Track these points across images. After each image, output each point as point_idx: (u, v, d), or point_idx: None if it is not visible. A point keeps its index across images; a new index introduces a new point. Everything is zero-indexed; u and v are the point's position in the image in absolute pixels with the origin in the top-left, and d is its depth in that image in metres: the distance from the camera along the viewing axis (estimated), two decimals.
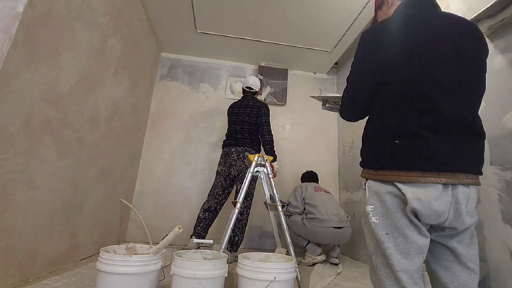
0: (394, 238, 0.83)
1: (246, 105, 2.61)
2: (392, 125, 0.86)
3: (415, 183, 0.80)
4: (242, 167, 2.40)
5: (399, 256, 0.81)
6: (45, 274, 1.58)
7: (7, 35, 1.20)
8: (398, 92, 0.87)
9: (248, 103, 2.62)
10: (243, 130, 2.52)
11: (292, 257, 1.57)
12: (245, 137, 2.50)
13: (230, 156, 2.45)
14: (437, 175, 0.80)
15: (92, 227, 2.12)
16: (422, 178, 0.80)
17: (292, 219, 2.52)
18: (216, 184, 2.51)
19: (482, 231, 1.52)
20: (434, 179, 0.80)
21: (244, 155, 2.42)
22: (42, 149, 1.48)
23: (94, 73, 1.94)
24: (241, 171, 2.40)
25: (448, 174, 0.81)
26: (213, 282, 1.23)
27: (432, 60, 0.86)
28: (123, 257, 1.20)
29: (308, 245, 2.47)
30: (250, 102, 2.63)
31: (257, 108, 2.56)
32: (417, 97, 0.84)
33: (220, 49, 3.42)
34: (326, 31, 2.94)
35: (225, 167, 2.48)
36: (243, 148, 2.46)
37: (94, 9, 1.84)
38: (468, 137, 0.84)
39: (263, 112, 2.54)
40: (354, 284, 1.90)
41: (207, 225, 2.43)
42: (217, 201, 2.47)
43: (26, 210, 1.40)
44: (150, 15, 2.86)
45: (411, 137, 0.83)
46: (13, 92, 1.25)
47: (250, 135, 2.51)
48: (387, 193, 0.85)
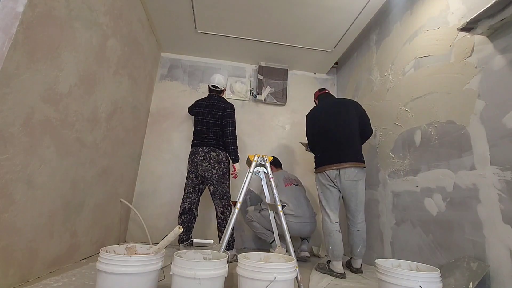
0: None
1: (212, 105, 2.57)
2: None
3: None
4: (208, 167, 2.41)
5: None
6: (45, 274, 1.58)
7: (7, 35, 1.20)
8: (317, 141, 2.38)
9: (214, 103, 2.58)
10: (209, 131, 2.50)
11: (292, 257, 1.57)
12: (211, 138, 2.49)
13: (197, 156, 2.46)
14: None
15: (92, 227, 2.12)
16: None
17: (263, 213, 2.64)
18: (187, 183, 2.51)
19: (482, 231, 1.53)
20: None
21: (210, 155, 2.43)
22: (42, 149, 1.48)
23: (94, 73, 1.94)
24: (207, 171, 2.42)
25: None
26: (213, 282, 1.23)
27: (326, 125, 2.32)
28: (123, 257, 1.20)
29: (274, 242, 2.56)
30: (216, 102, 2.59)
31: (222, 109, 2.53)
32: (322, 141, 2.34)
33: (220, 49, 3.42)
34: (326, 31, 2.94)
35: (192, 166, 2.49)
36: (209, 149, 2.46)
37: (94, 9, 1.84)
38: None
39: (228, 113, 2.51)
40: (354, 284, 1.90)
41: (188, 228, 2.44)
42: (189, 201, 2.46)
43: (26, 210, 1.40)
44: (150, 15, 2.86)
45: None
46: (13, 92, 1.24)
47: (216, 136, 2.50)
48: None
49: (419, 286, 1.21)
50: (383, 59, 2.70)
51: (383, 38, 2.74)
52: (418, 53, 2.19)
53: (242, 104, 3.62)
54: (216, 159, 2.43)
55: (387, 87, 2.58)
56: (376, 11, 2.65)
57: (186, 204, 2.45)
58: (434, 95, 1.98)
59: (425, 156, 2.00)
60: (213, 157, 2.43)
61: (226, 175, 2.47)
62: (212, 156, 2.43)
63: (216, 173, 2.41)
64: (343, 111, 2.30)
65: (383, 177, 2.47)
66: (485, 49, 1.62)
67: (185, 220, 2.44)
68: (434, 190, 1.88)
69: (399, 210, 2.23)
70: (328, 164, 2.21)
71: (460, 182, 1.69)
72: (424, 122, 2.05)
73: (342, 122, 2.25)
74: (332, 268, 2.07)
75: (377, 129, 2.67)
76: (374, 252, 2.48)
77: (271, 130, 3.60)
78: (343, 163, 2.16)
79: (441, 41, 1.98)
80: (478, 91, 1.64)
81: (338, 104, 2.38)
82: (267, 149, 3.46)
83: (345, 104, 2.36)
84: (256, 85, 3.63)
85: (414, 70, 2.23)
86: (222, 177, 2.43)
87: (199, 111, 2.61)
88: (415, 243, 2.00)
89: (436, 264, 1.72)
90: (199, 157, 2.45)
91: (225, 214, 2.39)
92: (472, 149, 1.64)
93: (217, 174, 2.41)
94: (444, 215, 1.79)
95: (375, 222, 2.52)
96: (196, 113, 2.64)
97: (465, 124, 1.70)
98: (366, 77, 3.01)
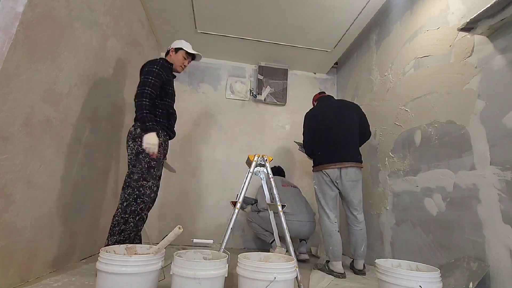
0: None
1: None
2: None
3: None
4: (126, 146, 1.86)
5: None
6: (45, 274, 1.58)
7: (7, 35, 1.20)
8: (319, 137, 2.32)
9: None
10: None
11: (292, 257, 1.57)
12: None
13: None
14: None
15: (92, 227, 2.12)
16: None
17: (261, 215, 2.62)
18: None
19: (482, 231, 1.53)
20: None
21: (129, 131, 1.87)
22: (42, 149, 1.48)
23: (94, 73, 1.94)
24: (127, 151, 1.85)
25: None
26: (213, 282, 1.23)
27: (328, 124, 2.29)
28: (123, 257, 1.20)
29: (273, 242, 2.53)
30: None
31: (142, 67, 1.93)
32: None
33: (220, 49, 3.42)
34: (326, 31, 2.94)
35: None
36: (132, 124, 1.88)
37: (94, 9, 1.84)
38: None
39: (143, 70, 1.88)
40: (354, 284, 1.90)
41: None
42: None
43: (26, 210, 1.40)
44: (150, 15, 2.86)
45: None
46: (13, 92, 1.24)
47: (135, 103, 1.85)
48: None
49: (419, 286, 1.21)
50: (383, 59, 2.70)
51: (383, 38, 2.74)
52: (418, 53, 2.19)
53: (242, 104, 3.62)
54: (131, 135, 1.82)
55: (387, 87, 2.58)
56: (376, 11, 2.65)
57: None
58: (434, 95, 1.98)
59: (425, 156, 2.00)
60: (129, 132, 1.85)
61: (140, 156, 1.77)
62: (129, 132, 1.86)
63: (131, 153, 1.79)
64: (345, 111, 2.31)
65: (383, 177, 2.47)
66: (485, 49, 1.62)
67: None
68: (434, 190, 1.88)
69: (399, 210, 2.23)
70: (329, 162, 2.19)
71: (460, 182, 1.69)
72: (424, 122, 2.05)
73: (344, 122, 2.26)
74: (333, 268, 2.07)
75: (377, 129, 2.67)
76: (374, 252, 2.48)
77: (271, 130, 3.60)
78: (345, 162, 2.16)
79: (441, 41, 1.98)
80: (478, 91, 1.64)
81: (340, 104, 2.40)
82: (267, 149, 3.47)
83: (347, 105, 2.38)
84: (256, 85, 3.63)
85: (414, 70, 2.23)
86: (134, 158, 1.78)
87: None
88: (415, 243, 2.00)
89: (436, 264, 1.72)
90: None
91: (117, 210, 1.71)
92: (472, 149, 1.64)
93: (131, 154, 1.79)
94: (444, 215, 1.79)
95: (375, 222, 2.52)
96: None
97: (465, 124, 1.70)
98: (366, 77, 3.01)
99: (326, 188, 2.21)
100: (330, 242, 2.12)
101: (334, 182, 2.18)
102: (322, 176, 2.23)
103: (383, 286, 1.36)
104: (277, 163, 3.29)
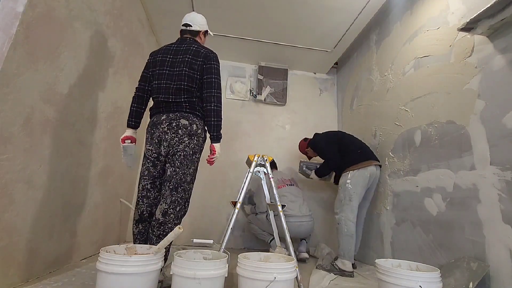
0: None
1: (186, 51, 1.72)
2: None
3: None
4: (174, 141, 1.60)
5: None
6: (45, 274, 1.58)
7: (7, 35, 1.20)
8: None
9: (189, 48, 1.73)
10: (180, 89, 1.65)
11: (292, 257, 1.57)
12: (183, 98, 1.65)
13: (159, 127, 1.63)
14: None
15: (92, 227, 2.12)
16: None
17: (258, 217, 2.65)
18: (143, 174, 1.66)
19: (482, 231, 1.52)
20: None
21: (179, 123, 1.61)
22: (42, 149, 1.48)
23: (94, 73, 1.94)
24: (172, 147, 1.60)
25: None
26: (213, 282, 1.23)
27: (347, 136, 2.64)
28: (123, 257, 1.20)
29: (272, 241, 2.54)
30: (192, 46, 1.75)
31: (203, 56, 1.69)
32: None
33: (220, 49, 3.40)
34: (326, 31, 2.94)
35: (152, 145, 1.64)
36: (178, 114, 1.63)
37: (94, 9, 1.84)
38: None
39: (213, 65, 1.69)
40: (354, 284, 1.90)
41: (147, 239, 1.58)
42: (149, 203, 1.63)
43: (26, 210, 1.40)
44: (150, 15, 2.86)
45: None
46: (13, 92, 1.24)
47: (191, 96, 1.66)
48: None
49: (419, 286, 1.21)
50: (383, 59, 2.70)
51: (383, 38, 2.74)
52: (418, 53, 2.19)
53: (242, 104, 3.62)
54: (187, 130, 1.61)
55: (387, 87, 2.58)
56: (376, 11, 2.65)
57: (144, 207, 1.62)
58: (434, 95, 1.98)
59: (425, 156, 2.00)
60: (183, 126, 1.60)
61: (194, 157, 1.64)
62: (181, 125, 1.60)
63: (183, 149, 1.59)
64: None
65: (383, 177, 2.47)
66: (485, 49, 1.62)
67: (143, 231, 1.61)
68: (434, 190, 1.88)
69: (399, 210, 2.23)
70: (369, 159, 2.33)
71: (460, 182, 1.69)
72: (424, 122, 2.05)
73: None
74: (344, 268, 2.11)
75: (377, 129, 2.67)
76: (374, 252, 2.48)
77: (271, 130, 3.60)
78: (377, 161, 2.39)
79: (441, 41, 1.98)
80: (478, 91, 1.64)
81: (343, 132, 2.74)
82: (267, 149, 3.46)
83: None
84: (256, 85, 3.63)
85: (414, 70, 2.23)
86: (189, 157, 1.61)
87: (164, 58, 1.72)
88: (415, 243, 2.00)
89: (436, 264, 1.72)
90: (163, 127, 1.62)
91: (167, 217, 1.52)
92: (472, 149, 1.64)
93: (184, 152, 1.59)
94: (444, 215, 1.79)
95: (375, 222, 2.52)
96: (161, 61, 1.72)
97: (465, 124, 1.70)
98: (366, 77, 3.01)
99: (362, 187, 2.28)
100: (350, 242, 2.17)
101: (369, 180, 2.30)
102: (363, 174, 2.29)
103: (383, 286, 1.36)
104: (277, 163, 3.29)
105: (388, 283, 1.32)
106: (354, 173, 2.30)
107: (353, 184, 2.28)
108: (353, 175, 2.30)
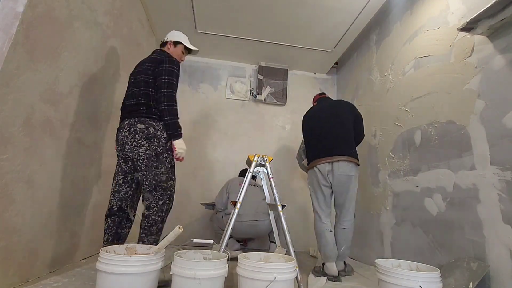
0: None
1: (147, 59, 1.89)
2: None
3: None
4: (133, 145, 1.69)
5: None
6: (45, 274, 1.58)
7: (7, 35, 1.20)
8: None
9: (149, 57, 1.90)
10: (139, 94, 1.77)
11: (292, 257, 1.57)
12: (140, 103, 1.75)
13: (122, 132, 1.75)
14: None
15: (92, 227, 2.12)
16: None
17: (217, 215, 2.62)
18: (116, 171, 1.79)
19: (482, 231, 1.52)
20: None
21: (136, 128, 1.69)
22: (42, 149, 1.48)
23: (94, 73, 1.94)
24: (133, 151, 1.69)
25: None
26: (213, 282, 1.23)
27: (320, 124, 2.28)
28: (123, 257, 1.20)
29: (223, 243, 2.49)
30: (152, 55, 1.92)
31: (156, 62, 1.80)
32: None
33: (220, 49, 3.42)
34: (326, 31, 2.94)
35: (119, 147, 1.78)
36: (136, 120, 1.72)
37: (94, 9, 1.84)
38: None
39: (165, 68, 1.77)
40: (353, 284, 1.90)
41: (116, 235, 1.69)
42: (119, 197, 1.73)
43: (26, 210, 1.40)
44: (150, 15, 2.86)
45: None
46: (13, 92, 1.24)
47: (147, 100, 1.75)
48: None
49: (419, 286, 1.21)
50: (383, 59, 2.70)
51: (383, 38, 2.74)
52: (418, 53, 2.19)
53: (242, 104, 3.62)
54: (144, 134, 1.69)
55: (387, 87, 2.58)
56: (376, 11, 2.65)
57: (115, 201, 1.72)
58: (434, 95, 1.98)
59: (425, 156, 2.00)
60: (140, 130, 1.69)
61: (161, 157, 1.72)
62: (138, 130, 1.69)
63: (145, 153, 1.68)
64: (339, 108, 2.29)
65: (383, 177, 2.47)
66: (485, 49, 1.62)
67: (112, 225, 1.69)
68: (434, 190, 1.88)
69: (399, 210, 2.23)
70: (319, 157, 2.13)
71: (460, 182, 1.69)
72: (424, 122, 2.05)
73: (337, 121, 2.21)
74: (326, 271, 2.00)
75: (377, 129, 2.67)
76: (374, 252, 2.48)
77: (271, 130, 3.60)
78: (335, 156, 2.08)
79: (441, 41, 1.98)
80: (478, 91, 1.64)
81: (334, 104, 2.38)
82: (267, 149, 3.46)
83: (341, 104, 2.35)
84: (256, 85, 3.63)
85: (414, 70, 2.23)
86: (153, 159, 1.69)
87: (135, 70, 1.91)
88: (415, 243, 2.00)
89: (436, 264, 1.72)
90: (124, 132, 1.72)
91: (151, 210, 1.68)
92: (472, 149, 1.64)
93: (146, 155, 1.68)
94: (444, 215, 1.79)
95: (375, 222, 2.52)
96: (132, 72, 1.92)
97: (465, 124, 1.70)
98: (366, 77, 3.01)
99: (318, 185, 2.13)
100: (321, 242, 2.06)
101: (326, 177, 2.09)
102: (313, 173, 2.17)
103: (383, 286, 1.36)
104: (277, 163, 3.29)
105: (388, 283, 1.32)
106: (309, 173, 2.25)
107: (310, 184, 2.24)
108: (309, 175, 2.27)
